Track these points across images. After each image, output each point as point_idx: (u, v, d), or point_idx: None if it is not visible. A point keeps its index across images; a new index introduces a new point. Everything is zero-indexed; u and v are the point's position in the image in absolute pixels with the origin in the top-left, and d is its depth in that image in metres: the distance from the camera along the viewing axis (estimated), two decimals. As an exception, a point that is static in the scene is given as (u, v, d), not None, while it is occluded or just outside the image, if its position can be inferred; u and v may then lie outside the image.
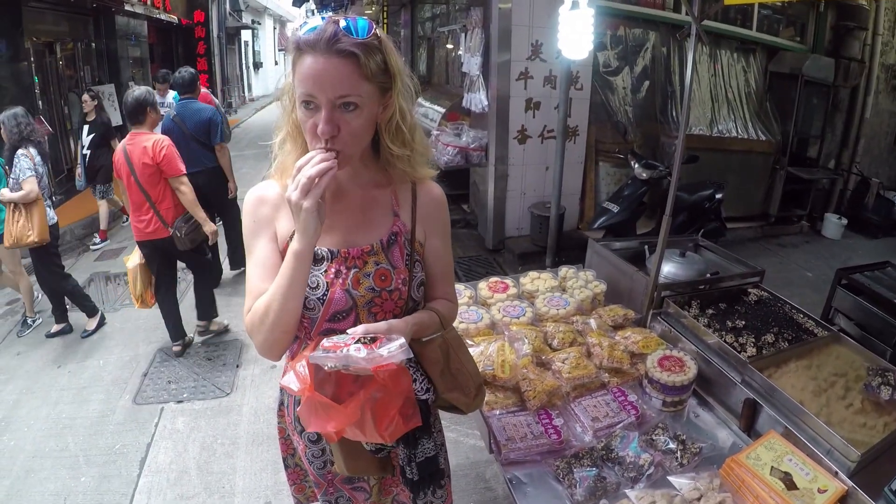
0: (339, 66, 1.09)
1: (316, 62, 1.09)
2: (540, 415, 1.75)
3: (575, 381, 1.82)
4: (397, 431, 1.16)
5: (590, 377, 1.85)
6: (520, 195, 5.70)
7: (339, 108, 1.12)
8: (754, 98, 6.80)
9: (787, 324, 2.21)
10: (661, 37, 6.17)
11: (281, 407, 1.56)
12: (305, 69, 1.10)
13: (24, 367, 4.10)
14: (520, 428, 1.68)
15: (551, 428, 1.70)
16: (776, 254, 6.35)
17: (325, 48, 1.09)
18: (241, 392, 3.72)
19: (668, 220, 2.21)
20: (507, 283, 2.39)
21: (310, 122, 1.13)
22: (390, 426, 1.14)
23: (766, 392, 1.82)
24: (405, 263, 1.32)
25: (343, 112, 1.12)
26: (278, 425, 1.60)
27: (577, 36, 3.81)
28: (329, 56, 1.09)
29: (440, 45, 8.39)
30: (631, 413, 1.79)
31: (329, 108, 1.11)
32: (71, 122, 8.69)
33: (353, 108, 1.12)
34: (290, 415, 1.48)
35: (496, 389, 1.80)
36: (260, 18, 24.63)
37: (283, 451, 1.64)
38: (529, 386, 1.77)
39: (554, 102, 5.34)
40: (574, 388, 1.84)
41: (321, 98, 1.10)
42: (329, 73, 1.09)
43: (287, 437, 1.59)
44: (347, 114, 1.13)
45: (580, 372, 1.84)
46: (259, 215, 1.31)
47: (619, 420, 1.76)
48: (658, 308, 2.27)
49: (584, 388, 1.87)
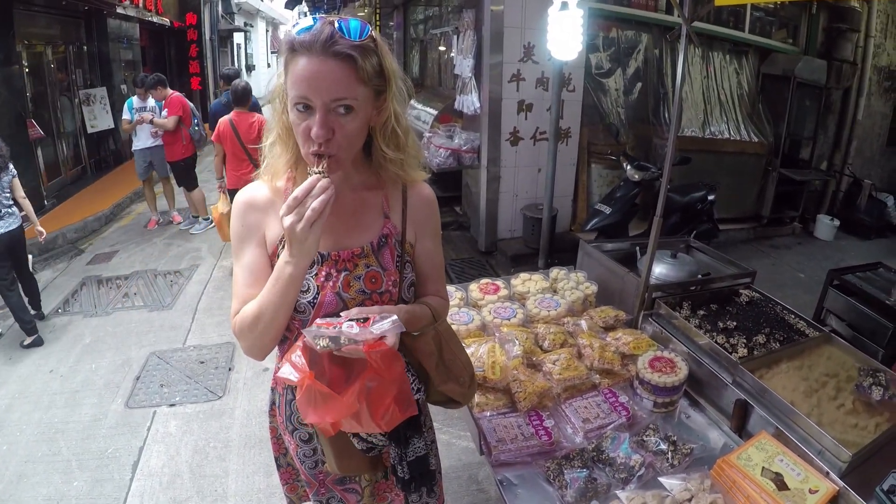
0: (335, 68, 1.08)
1: (311, 64, 1.08)
2: (531, 416, 1.74)
3: (566, 383, 1.82)
4: (393, 420, 1.16)
5: (580, 378, 1.85)
6: (512, 197, 5.69)
7: (333, 112, 1.10)
8: (747, 100, 6.82)
9: (778, 324, 2.22)
10: (654, 39, 6.18)
11: (272, 406, 1.56)
12: (300, 71, 1.08)
13: (16, 371, 4.06)
14: (510, 429, 1.68)
15: (542, 429, 1.69)
16: (768, 255, 6.37)
17: (321, 50, 1.07)
18: (233, 395, 3.70)
19: (658, 221, 2.22)
20: (499, 284, 2.39)
21: (303, 126, 1.12)
22: (386, 415, 1.13)
23: (757, 393, 1.83)
24: (395, 265, 1.32)
25: (338, 115, 1.11)
26: (270, 425, 1.60)
27: (567, 37, 3.81)
28: (325, 58, 1.07)
29: (433, 47, 8.39)
30: (622, 414, 1.79)
31: (324, 111, 1.09)
32: (63, 125, 8.66)
33: (348, 111, 1.11)
34: (282, 414, 1.48)
35: (487, 391, 1.79)
36: (252, 21, 24.59)
37: (275, 451, 1.64)
38: (520, 387, 1.76)
39: (546, 104, 5.34)
40: (565, 389, 1.84)
41: (316, 101, 1.09)
42: (325, 76, 1.08)
43: (279, 437, 1.59)
44: (342, 117, 1.11)
45: (571, 373, 1.84)
46: (248, 220, 1.30)
47: (609, 421, 1.76)
48: (649, 309, 2.27)
49: (574, 390, 1.86)
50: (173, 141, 6.60)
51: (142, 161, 6.77)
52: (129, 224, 7.50)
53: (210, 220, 6.97)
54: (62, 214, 7.30)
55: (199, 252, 6.34)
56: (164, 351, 4.26)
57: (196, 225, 7.03)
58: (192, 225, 7.08)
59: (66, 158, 8.78)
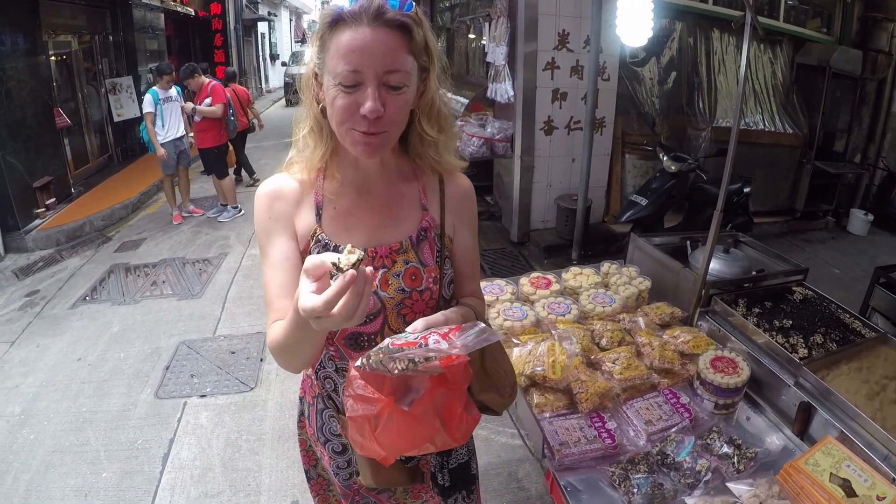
0: (387, 38, 1.00)
1: (361, 34, 0.99)
2: (592, 418, 1.67)
3: (626, 383, 1.74)
4: (468, 430, 1.06)
5: (641, 378, 1.77)
6: (545, 187, 5.61)
7: (384, 87, 1.02)
8: (781, 90, 6.64)
9: (833, 324, 2.13)
10: (688, 27, 6.05)
11: (301, 418, 1.48)
12: (348, 42, 1.00)
13: (43, 359, 4.07)
14: (573, 432, 1.60)
15: (605, 432, 1.62)
16: (802, 249, 6.21)
17: (372, 19, 0.99)
18: (265, 387, 3.67)
19: (718, 216, 2.12)
20: (550, 278, 2.31)
21: (348, 102, 1.02)
22: (460, 426, 1.03)
23: (820, 395, 1.74)
24: (436, 261, 1.23)
25: (388, 91, 1.02)
26: (299, 437, 1.52)
27: (637, 21, 3.68)
28: (376, 27, 0.99)
29: (460, 35, 8.29)
30: (684, 416, 1.71)
31: (376, 83, 1.01)
32: (90, 114, 8.72)
33: (399, 87, 1.03)
34: (313, 425, 1.40)
35: (545, 391, 1.71)
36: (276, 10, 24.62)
37: (306, 464, 1.55)
38: (581, 388, 1.68)
39: (580, 93, 5.26)
40: (625, 389, 1.76)
41: (368, 73, 1.00)
42: (378, 45, 0.99)
43: (309, 449, 1.52)
44: (393, 92, 1.03)
45: (631, 373, 1.76)
46: (275, 210, 1.19)
47: (672, 423, 1.68)
48: (705, 306, 2.18)
49: (634, 390, 1.78)
50: (209, 128, 6.58)
51: (173, 153, 6.64)
52: (156, 212, 7.53)
53: (238, 209, 6.99)
54: (89, 202, 7.37)
55: (227, 240, 6.33)
56: (194, 340, 4.25)
57: (224, 213, 7.04)
58: (220, 213, 7.08)
59: (92, 147, 8.88)
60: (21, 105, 6.51)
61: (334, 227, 1.20)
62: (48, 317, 4.70)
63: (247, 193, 7.73)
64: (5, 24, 6.24)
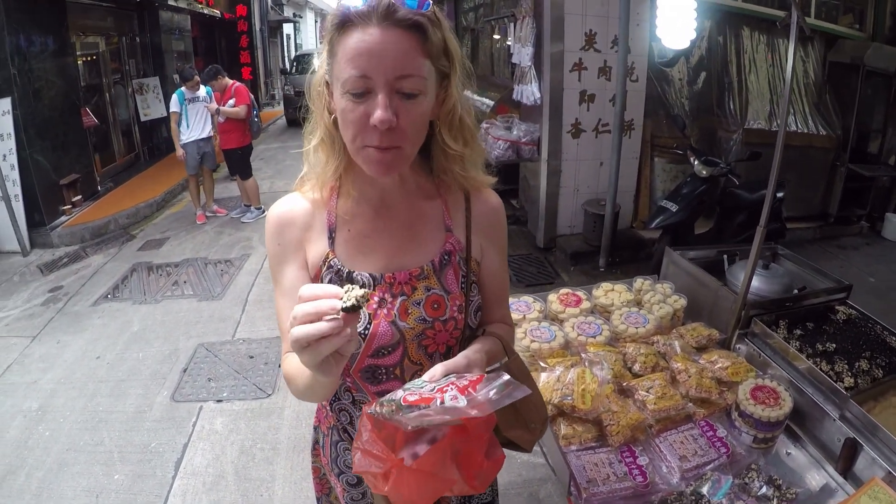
0: (399, 39, 0.89)
1: (370, 35, 0.88)
2: (622, 452, 1.55)
3: (660, 413, 1.61)
4: (489, 478, 0.95)
5: (676, 409, 1.64)
6: (573, 192, 5.47)
7: (397, 95, 0.91)
8: (813, 89, 6.37)
9: (879, 347, 1.96)
10: (717, 26, 5.85)
11: (316, 446, 1.39)
12: (356, 45, 0.89)
13: (63, 355, 4.08)
14: (601, 468, 1.49)
15: (636, 468, 1.50)
16: (836, 256, 5.97)
17: (382, 18, 0.88)
18: (282, 394, 3.60)
19: (762, 231, 1.97)
20: (580, 295, 2.17)
21: (358, 112, 0.91)
22: (480, 474, 0.92)
23: (866, 430, 1.60)
24: (460, 287, 1.12)
25: (401, 99, 0.91)
26: (313, 464, 1.44)
27: (679, 22, 3.54)
28: (386, 28, 0.88)
29: (485, 35, 8.17)
30: (721, 452, 1.58)
31: (388, 89, 0.89)
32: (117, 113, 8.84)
33: (414, 94, 0.92)
34: (327, 456, 1.32)
35: (573, 421, 1.59)
36: (301, 12, 24.78)
37: (318, 492, 1.48)
38: (613, 419, 1.56)
39: (608, 95, 5.12)
40: (658, 420, 1.64)
41: (378, 78, 0.89)
42: (388, 48, 0.88)
43: (322, 477, 1.44)
44: (408, 101, 0.92)
45: (666, 403, 1.62)
46: (285, 239, 1.11)
47: (708, 459, 1.55)
48: (744, 328, 2.05)
49: (668, 421, 1.66)
50: (233, 129, 6.57)
51: (195, 153, 6.68)
52: (181, 211, 7.58)
53: (262, 210, 6.97)
54: (115, 200, 7.47)
55: (250, 241, 6.32)
56: (213, 343, 4.21)
57: (248, 213, 7.03)
58: (243, 213, 7.07)
59: (119, 146, 9.03)
60: (49, 104, 6.60)
61: (348, 250, 1.11)
62: (70, 313, 4.73)
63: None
64: (33, 26, 6.32)
